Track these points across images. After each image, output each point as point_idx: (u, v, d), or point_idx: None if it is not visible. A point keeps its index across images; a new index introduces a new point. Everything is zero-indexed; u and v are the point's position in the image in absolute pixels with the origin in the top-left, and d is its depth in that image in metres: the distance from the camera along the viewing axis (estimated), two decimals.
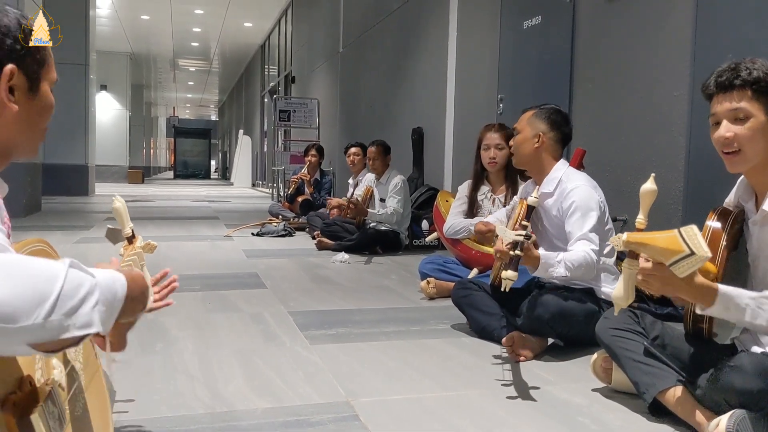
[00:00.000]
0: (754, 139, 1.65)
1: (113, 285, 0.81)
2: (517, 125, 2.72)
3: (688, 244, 1.39)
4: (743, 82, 1.65)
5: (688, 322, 1.83)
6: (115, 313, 0.81)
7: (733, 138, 1.66)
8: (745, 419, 1.53)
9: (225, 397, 1.95)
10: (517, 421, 1.82)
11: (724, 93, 1.69)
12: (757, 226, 1.73)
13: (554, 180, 2.64)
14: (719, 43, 3.11)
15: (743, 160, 1.69)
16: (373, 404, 1.92)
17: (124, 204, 1.60)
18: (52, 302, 0.71)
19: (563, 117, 2.73)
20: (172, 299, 1.46)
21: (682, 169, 3.32)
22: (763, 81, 1.64)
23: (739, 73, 1.66)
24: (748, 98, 1.65)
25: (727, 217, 1.81)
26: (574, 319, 2.44)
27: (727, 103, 1.68)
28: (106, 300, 0.78)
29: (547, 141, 2.66)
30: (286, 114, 11.16)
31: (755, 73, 1.64)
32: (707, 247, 1.39)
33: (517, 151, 2.70)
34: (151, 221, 7.77)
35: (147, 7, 16.03)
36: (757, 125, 1.65)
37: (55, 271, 0.73)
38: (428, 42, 6.83)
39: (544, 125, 2.67)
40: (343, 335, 2.71)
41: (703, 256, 1.37)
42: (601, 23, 4.02)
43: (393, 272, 4.42)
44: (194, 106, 39.34)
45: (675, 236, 1.42)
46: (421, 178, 6.89)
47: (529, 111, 2.73)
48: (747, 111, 1.65)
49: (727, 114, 1.68)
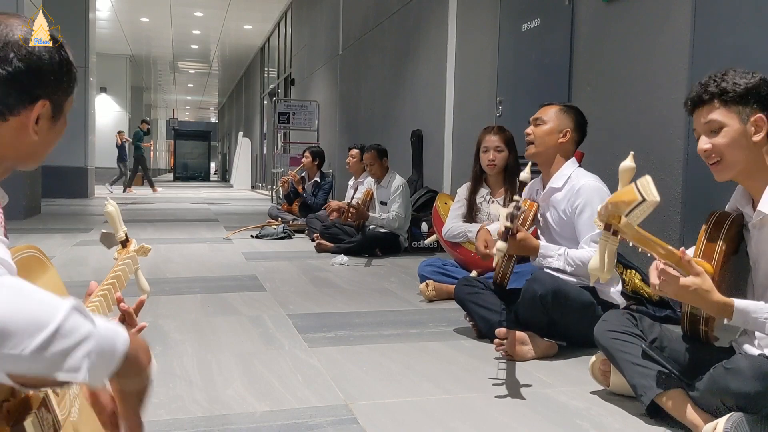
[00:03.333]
0: (731, 147, 1.72)
1: (114, 338, 0.77)
2: (543, 116, 2.70)
3: (641, 191, 1.44)
4: (711, 95, 1.73)
5: (686, 323, 1.84)
6: (111, 368, 0.77)
7: (712, 149, 1.74)
8: (742, 422, 1.54)
9: (223, 401, 1.95)
10: (516, 424, 1.82)
11: (698, 109, 1.77)
12: (756, 229, 1.75)
13: (564, 176, 2.65)
14: (717, 47, 3.11)
15: (726, 167, 1.75)
16: (371, 407, 1.92)
17: (116, 208, 1.60)
18: (45, 337, 0.68)
19: (585, 121, 2.77)
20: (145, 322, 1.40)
21: (681, 172, 3.32)
22: (732, 91, 1.70)
23: (707, 87, 1.74)
24: (718, 109, 1.72)
25: (725, 220, 1.82)
26: (568, 302, 2.42)
27: (701, 118, 1.76)
28: (102, 351, 0.74)
29: (570, 139, 2.68)
30: (285, 116, 11.17)
31: (723, 84, 1.71)
32: (656, 193, 1.44)
33: (540, 141, 2.68)
34: (151, 224, 7.77)
35: (147, 9, 16.05)
36: (731, 133, 1.71)
37: (57, 307, 0.71)
38: (427, 44, 6.84)
39: (571, 123, 2.70)
40: (342, 338, 2.72)
41: (653, 201, 1.43)
42: (600, 26, 4.03)
43: (392, 275, 4.42)
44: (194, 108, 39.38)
45: (631, 187, 1.48)
46: (420, 181, 6.89)
47: (551, 105, 2.74)
48: (719, 122, 1.72)
49: (703, 128, 1.76)
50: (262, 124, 19.42)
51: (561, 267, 2.42)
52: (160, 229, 7.12)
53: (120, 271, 1.48)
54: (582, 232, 2.53)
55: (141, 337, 0.89)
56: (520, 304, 2.52)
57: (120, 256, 1.58)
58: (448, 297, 3.44)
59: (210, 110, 39.87)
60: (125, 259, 1.53)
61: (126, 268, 1.51)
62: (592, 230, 2.49)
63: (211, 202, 12.68)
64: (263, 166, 18.13)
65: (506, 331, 2.43)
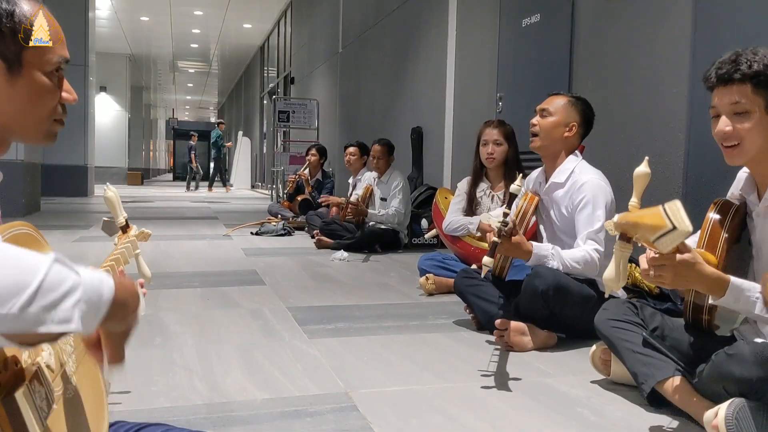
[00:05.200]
0: (752, 134, 1.65)
1: (99, 286, 0.78)
2: (549, 107, 2.65)
3: (671, 218, 1.39)
4: (743, 76, 1.64)
5: (688, 313, 1.83)
6: (100, 315, 0.78)
7: (732, 132, 1.67)
8: (744, 408, 1.53)
9: (223, 389, 1.95)
10: (517, 412, 1.82)
11: (724, 86, 1.68)
12: (760, 218, 1.73)
13: (567, 171, 2.62)
14: (718, 40, 3.11)
15: (742, 153, 1.69)
16: (371, 395, 1.92)
17: (116, 193, 1.60)
18: (31, 293, 0.69)
19: (593, 114, 2.72)
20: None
21: (682, 165, 3.32)
22: (763, 74, 1.62)
23: (739, 66, 1.64)
24: (748, 93, 1.64)
25: (729, 209, 1.80)
26: (569, 296, 2.40)
27: (727, 98, 1.67)
28: (89, 299, 0.74)
29: (576, 133, 2.65)
30: (285, 115, 11.16)
31: (755, 66, 1.62)
32: (689, 222, 1.39)
33: (545, 134, 2.63)
34: (151, 221, 7.76)
35: (146, 8, 16.05)
36: (756, 120, 1.64)
37: (38, 263, 0.71)
38: (428, 41, 6.83)
39: (579, 117, 2.65)
40: (343, 330, 2.71)
41: (684, 231, 1.37)
42: (601, 20, 4.02)
43: (392, 270, 4.42)
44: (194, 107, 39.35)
45: (659, 212, 1.42)
46: (420, 178, 6.89)
47: (559, 95, 2.69)
48: (747, 106, 1.64)
49: (727, 108, 1.68)
50: (262, 123, 19.41)
51: (556, 267, 2.41)
52: (159, 226, 7.11)
53: (119, 254, 1.47)
54: (580, 228, 2.51)
55: (128, 279, 0.90)
56: (521, 299, 2.51)
57: (120, 241, 1.58)
58: (448, 291, 3.44)
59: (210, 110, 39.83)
60: (124, 244, 1.53)
61: (125, 251, 1.50)
62: (590, 227, 2.47)
63: (211, 201, 12.68)
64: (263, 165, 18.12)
65: (506, 321, 2.42)
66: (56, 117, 1.06)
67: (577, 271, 2.43)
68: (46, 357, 0.94)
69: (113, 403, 1.79)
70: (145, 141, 28.30)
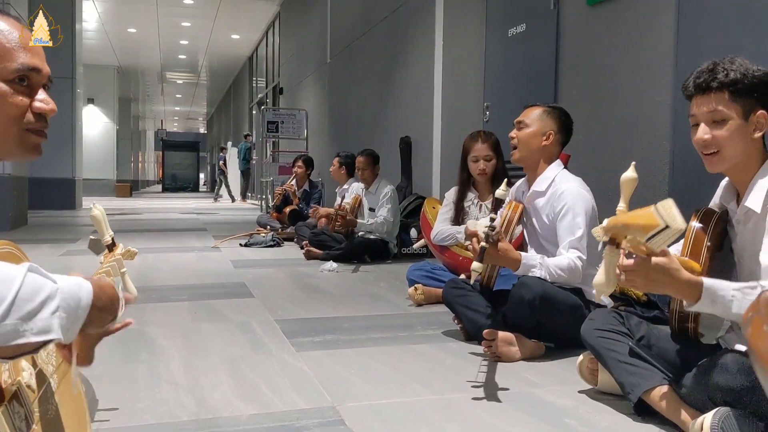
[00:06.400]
0: (731, 141, 1.67)
1: (77, 292, 0.77)
2: (525, 119, 2.68)
3: (663, 217, 1.38)
4: (720, 85, 1.66)
5: (674, 321, 1.84)
6: (79, 321, 0.77)
7: (711, 140, 1.69)
8: (729, 417, 1.54)
9: (210, 404, 1.94)
10: (505, 423, 1.82)
11: (702, 95, 1.70)
12: (740, 225, 1.75)
13: (548, 179, 2.64)
14: (701, 49, 3.14)
15: (721, 160, 1.71)
16: (359, 409, 1.91)
17: (102, 211, 1.59)
18: (7, 306, 0.68)
19: (571, 121, 2.74)
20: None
21: (667, 173, 3.34)
22: (740, 83, 1.65)
23: (716, 75, 1.67)
24: (726, 101, 1.66)
25: (711, 217, 1.82)
26: (556, 306, 2.40)
27: (705, 106, 1.70)
28: (68, 306, 0.74)
29: (554, 141, 2.67)
30: (274, 125, 11.16)
31: (732, 75, 1.65)
32: (681, 219, 1.38)
33: (523, 145, 2.66)
34: (139, 233, 7.73)
35: (134, 20, 16.03)
36: (734, 127, 1.66)
37: (12, 275, 0.70)
38: (415, 51, 6.86)
39: (555, 125, 2.67)
40: (331, 342, 2.70)
41: (677, 228, 1.36)
42: (585, 30, 4.05)
43: (381, 280, 4.41)
44: (182, 119, 39.29)
45: (651, 212, 1.41)
46: (409, 187, 6.90)
47: (535, 107, 2.71)
48: (724, 114, 1.66)
49: (705, 116, 1.70)
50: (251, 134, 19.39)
51: (543, 276, 2.43)
52: (147, 239, 7.08)
53: (104, 273, 1.47)
54: (562, 237, 2.52)
55: (106, 281, 0.89)
56: (509, 309, 2.51)
57: (105, 259, 1.57)
58: (437, 301, 3.44)
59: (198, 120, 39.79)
60: (110, 262, 1.52)
61: (110, 270, 1.50)
62: (572, 235, 2.49)
63: (200, 212, 12.64)
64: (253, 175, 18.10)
65: (493, 331, 2.42)
66: (28, 126, 1.03)
67: (562, 279, 2.45)
68: (26, 377, 0.94)
69: (100, 421, 1.78)
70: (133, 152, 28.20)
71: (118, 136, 22.16)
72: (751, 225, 1.70)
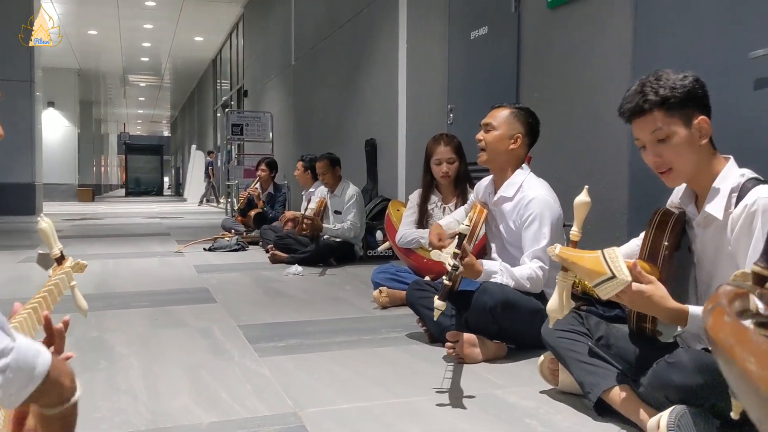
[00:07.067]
0: (680, 156, 1.69)
1: (34, 358, 0.72)
2: (493, 121, 2.66)
3: (610, 267, 1.38)
4: (652, 105, 1.67)
5: (632, 321, 1.86)
6: (28, 388, 0.73)
7: (661, 161, 1.71)
8: (685, 414, 1.56)
9: (169, 413, 1.90)
10: (465, 425, 1.82)
11: (639, 118, 1.72)
12: (700, 228, 1.77)
13: (515, 185, 2.63)
14: (658, 52, 3.19)
15: (677, 176, 1.74)
16: (321, 414, 1.89)
17: (50, 224, 1.56)
18: None
19: (538, 123, 2.73)
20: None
21: (627, 174, 3.38)
22: (672, 97, 1.66)
23: (646, 96, 1.68)
24: (663, 118, 1.67)
25: (669, 217, 1.84)
26: (517, 311, 2.41)
27: (645, 129, 1.71)
28: (18, 368, 0.70)
29: (522, 144, 2.66)
30: (238, 128, 11.05)
31: (662, 92, 1.66)
32: (627, 271, 1.38)
33: (491, 148, 2.65)
34: (100, 239, 7.60)
35: (94, 22, 15.76)
36: (679, 140, 1.68)
37: None
38: (379, 54, 6.86)
39: (523, 128, 2.66)
40: (294, 347, 2.68)
41: (623, 280, 1.36)
42: (545, 33, 4.09)
43: (347, 283, 4.40)
44: (146, 122, 38.75)
45: (599, 258, 1.41)
46: (375, 189, 6.89)
47: (502, 108, 2.69)
48: (666, 131, 1.68)
49: (649, 138, 1.71)
50: (216, 136, 19.22)
51: (504, 282, 2.43)
52: (109, 244, 6.96)
53: (53, 286, 1.44)
54: (526, 245, 2.53)
55: (67, 363, 0.85)
56: (470, 315, 2.52)
57: (54, 273, 1.54)
58: (401, 303, 3.43)
59: (162, 123, 39.28)
60: (59, 275, 1.49)
61: (59, 283, 1.47)
62: (536, 245, 2.50)
63: (164, 217, 12.47)
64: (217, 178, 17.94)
65: (457, 333, 2.43)
66: None
67: (523, 288, 2.46)
68: None
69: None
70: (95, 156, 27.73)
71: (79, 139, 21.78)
72: (712, 230, 1.72)
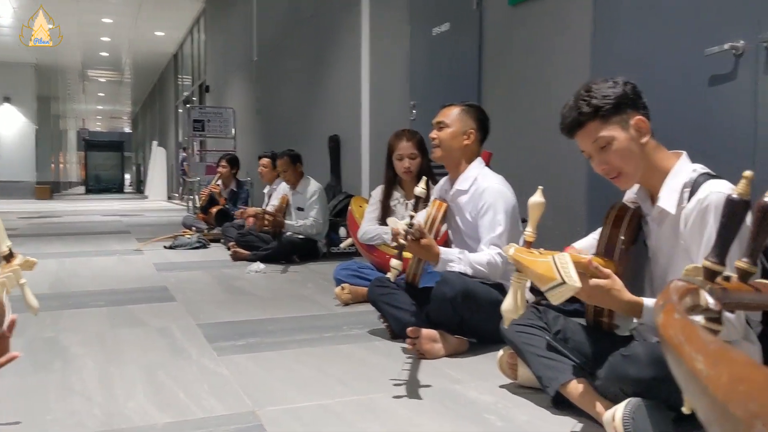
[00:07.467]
0: (625, 159, 1.73)
1: None
2: (445, 119, 2.70)
3: (561, 273, 1.40)
4: (587, 116, 1.72)
5: (590, 315, 1.88)
6: None
7: (608, 168, 1.75)
8: (641, 407, 1.57)
9: (124, 414, 1.86)
10: (425, 421, 1.82)
11: (578, 131, 1.77)
12: (654, 223, 1.80)
13: (470, 178, 2.67)
14: (616, 49, 3.22)
15: (627, 178, 1.78)
16: (279, 413, 1.87)
17: None
18: None
19: (487, 119, 2.79)
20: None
21: (585, 170, 3.41)
22: (604, 106, 1.70)
23: (580, 110, 1.73)
24: (600, 127, 1.72)
25: (625, 212, 1.86)
26: (477, 302, 2.42)
27: (586, 141, 1.76)
28: None
29: (475, 139, 2.70)
30: (200, 124, 10.92)
31: (594, 102, 1.71)
32: (577, 277, 1.40)
33: (445, 145, 2.69)
34: (58, 237, 7.44)
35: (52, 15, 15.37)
36: (621, 145, 1.72)
37: None
38: (342, 49, 6.83)
39: (474, 124, 2.71)
40: (254, 345, 2.65)
41: (572, 287, 1.37)
42: (506, 29, 4.11)
43: (309, 280, 4.37)
44: (106, 118, 38.05)
45: (550, 264, 1.43)
46: (338, 186, 6.87)
47: (452, 106, 2.74)
48: (605, 138, 1.72)
49: (592, 148, 1.76)
50: (177, 132, 18.97)
51: (463, 270, 2.45)
52: (66, 243, 6.82)
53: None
54: (483, 234, 2.57)
55: None
56: (431, 306, 2.52)
57: (2, 271, 1.49)
58: (364, 300, 3.42)
59: (123, 120, 38.60)
60: (6, 274, 1.45)
61: (7, 281, 1.43)
62: (492, 232, 2.53)
63: (124, 214, 12.27)
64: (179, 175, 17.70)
65: (417, 329, 2.43)
66: None
67: (483, 274, 2.48)
68: None
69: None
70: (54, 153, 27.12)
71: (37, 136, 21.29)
72: (666, 226, 1.74)
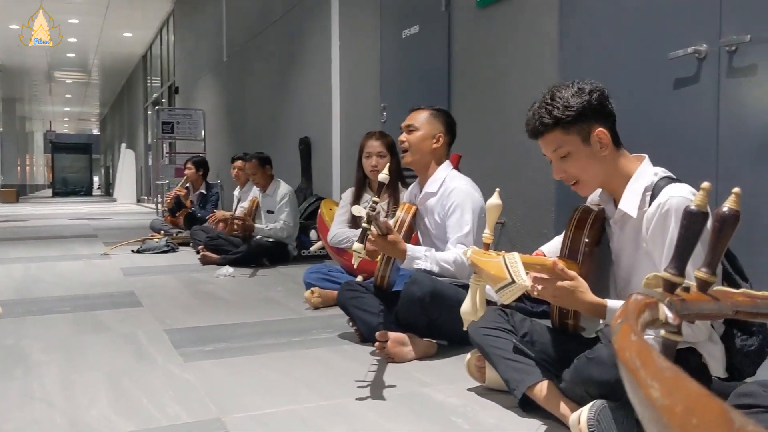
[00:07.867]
0: (584, 168, 1.76)
1: None
2: (414, 122, 2.73)
3: (510, 272, 1.41)
4: (547, 126, 1.74)
5: (555, 317, 1.89)
6: None
7: (567, 176, 1.78)
8: (605, 408, 1.59)
9: (87, 422, 1.83)
10: (392, 424, 1.81)
11: (540, 138, 1.79)
12: (617, 226, 1.81)
13: (439, 180, 2.71)
14: (583, 51, 3.25)
15: (586, 186, 1.81)
16: (246, 419, 1.85)
17: None
18: None
19: (455, 123, 2.83)
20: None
21: None
22: (565, 116, 1.72)
23: (542, 118, 1.74)
24: (561, 137, 1.74)
25: (588, 214, 1.88)
26: (446, 301, 2.42)
27: (548, 148, 1.78)
28: None
29: (443, 142, 2.74)
30: (169, 126, 10.79)
31: (555, 112, 1.72)
32: (526, 276, 1.41)
33: (415, 148, 2.72)
34: (23, 242, 7.30)
35: (16, 16, 15.10)
36: (580, 156, 1.74)
37: None
38: (312, 51, 6.80)
39: (443, 127, 2.75)
40: (221, 351, 2.62)
41: (521, 285, 1.38)
42: (475, 31, 4.13)
43: (279, 284, 4.34)
44: (73, 119, 37.43)
45: (500, 263, 1.44)
46: (309, 188, 6.84)
47: (421, 110, 2.78)
48: (565, 149, 1.75)
49: (552, 155, 1.79)
50: (146, 134, 18.74)
51: (429, 268, 2.47)
52: (32, 247, 6.69)
53: None
54: (450, 233, 2.61)
55: None
56: (400, 307, 2.52)
57: None
58: (334, 303, 3.39)
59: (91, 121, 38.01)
60: None
61: None
62: (459, 231, 2.57)
63: (92, 218, 12.08)
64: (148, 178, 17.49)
65: (385, 333, 2.42)
66: None
67: (449, 272, 2.49)
68: None
69: None
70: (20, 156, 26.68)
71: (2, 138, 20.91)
72: (628, 229, 1.76)
